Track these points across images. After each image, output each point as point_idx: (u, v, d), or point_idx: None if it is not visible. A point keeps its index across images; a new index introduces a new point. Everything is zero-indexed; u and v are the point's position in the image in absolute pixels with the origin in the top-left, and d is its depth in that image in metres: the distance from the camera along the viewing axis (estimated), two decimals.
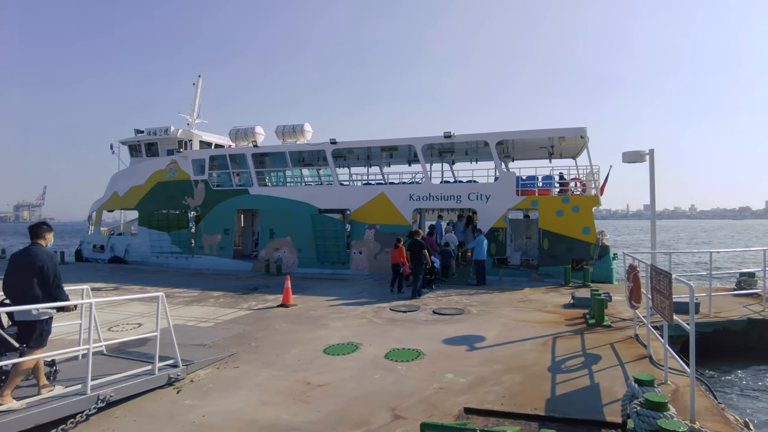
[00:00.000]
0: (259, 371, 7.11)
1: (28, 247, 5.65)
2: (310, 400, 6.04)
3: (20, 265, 5.52)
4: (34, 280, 5.41)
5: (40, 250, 5.61)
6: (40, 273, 5.43)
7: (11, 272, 5.52)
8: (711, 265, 10.65)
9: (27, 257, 5.53)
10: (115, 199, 23.86)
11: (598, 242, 15.78)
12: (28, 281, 5.40)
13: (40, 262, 5.45)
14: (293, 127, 20.51)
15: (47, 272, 5.46)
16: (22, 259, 5.54)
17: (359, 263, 18.33)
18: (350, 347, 8.20)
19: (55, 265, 5.60)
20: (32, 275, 5.42)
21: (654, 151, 10.65)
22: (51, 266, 5.52)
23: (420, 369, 7.07)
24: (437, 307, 11.45)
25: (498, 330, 9.30)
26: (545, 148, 19.03)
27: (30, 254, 5.54)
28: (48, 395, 5.49)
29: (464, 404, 5.81)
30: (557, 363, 7.30)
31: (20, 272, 5.47)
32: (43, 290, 5.44)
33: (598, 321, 9.58)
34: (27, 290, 5.38)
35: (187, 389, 6.42)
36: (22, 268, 5.48)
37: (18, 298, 5.41)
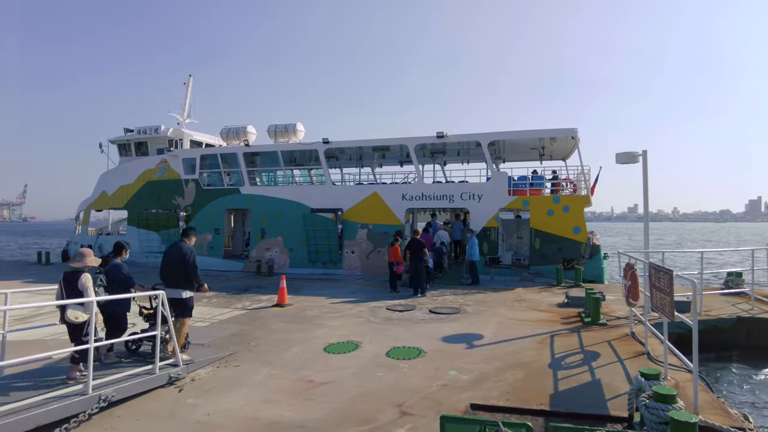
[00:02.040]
0: (259, 370, 7.06)
1: (178, 244, 7.47)
2: (313, 397, 6.01)
3: (172, 256, 7.35)
4: (181, 268, 7.22)
5: (185, 246, 7.44)
6: (183, 261, 7.23)
7: (166, 262, 7.38)
8: (702, 265, 10.84)
9: (177, 252, 7.34)
10: (103, 199, 23.46)
11: (588, 242, 15.96)
12: (177, 268, 7.24)
13: (185, 255, 7.28)
14: (285, 126, 20.41)
15: (190, 262, 7.28)
16: (174, 253, 7.36)
17: (351, 263, 18.29)
18: (350, 346, 8.17)
19: (194, 257, 7.42)
20: (178, 263, 7.24)
21: (647, 153, 10.80)
22: (192, 258, 7.35)
23: (422, 367, 7.09)
24: (433, 307, 11.48)
25: (495, 328, 9.35)
26: (536, 149, 19.21)
27: (179, 249, 7.36)
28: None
29: (469, 400, 5.83)
30: (557, 360, 7.37)
31: (172, 262, 7.31)
32: (186, 275, 7.27)
33: (593, 319, 9.68)
34: (177, 275, 7.26)
35: (188, 388, 6.34)
36: (173, 259, 7.30)
37: (170, 282, 7.27)
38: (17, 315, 10.43)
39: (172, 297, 7.06)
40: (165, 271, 7.36)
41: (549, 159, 20.39)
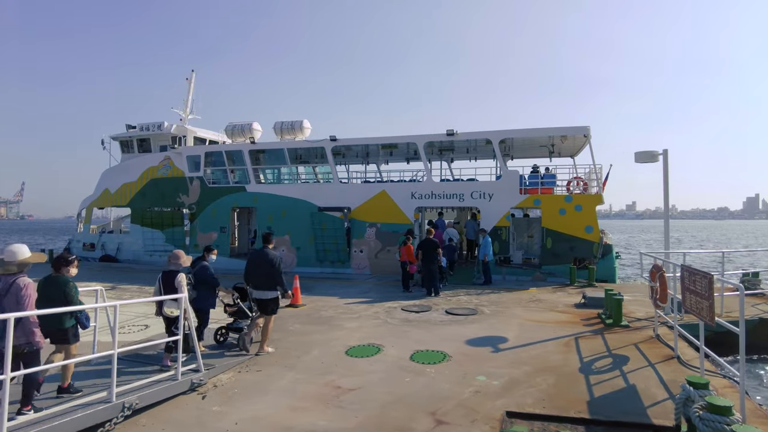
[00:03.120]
0: (283, 374, 6.87)
1: (264, 249, 8.00)
2: (343, 404, 5.82)
3: (258, 260, 7.90)
4: (267, 271, 7.76)
5: (270, 251, 7.98)
6: (271, 266, 7.79)
7: (254, 265, 7.91)
8: (723, 266, 10.69)
9: (263, 256, 7.89)
10: (106, 196, 23.18)
11: (601, 241, 15.81)
12: (263, 271, 7.80)
13: (272, 260, 7.84)
14: (292, 123, 20.17)
15: (275, 266, 7.83)
16: (260, 257, 7.90)
17: (360, 262, 18.09)
18: (372, 349, 7.99)
19: (280, 262, 7.97)
20: (266, 268, 7.78)
21: (668, 152, 10.65)
22: (277, 262, 7.88)
23: (449, 371, 6.91)
24: (449, 308, 11.30)
25: (517, 331, 9.18)
26: (545, 147, 19.03)
27: (265, 254, 7.90)
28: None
29: (504, 407, 5.66)
30: (586, 364, 7.20)
31: (259, 266, 7.84)
32: (273, 278, 7.79)
33: (615, 321, 9.53)
34: (263, 278, 7.80)
35: (211, 395, 6.15)
36: (260, 263, 7.85)
37: (257, 284, 7.83)
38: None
39: (259, 298, 7.88)
40: (251, 273, 7.95)
41: (557, 156, 20.23)
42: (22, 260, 5.04)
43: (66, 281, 5.53)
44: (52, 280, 5.54)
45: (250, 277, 7.99)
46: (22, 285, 4.87)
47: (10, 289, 4.85)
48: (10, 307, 4.72)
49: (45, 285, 5.49)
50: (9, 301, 4.80)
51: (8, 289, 4.84)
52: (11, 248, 5.03)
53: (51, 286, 5.49)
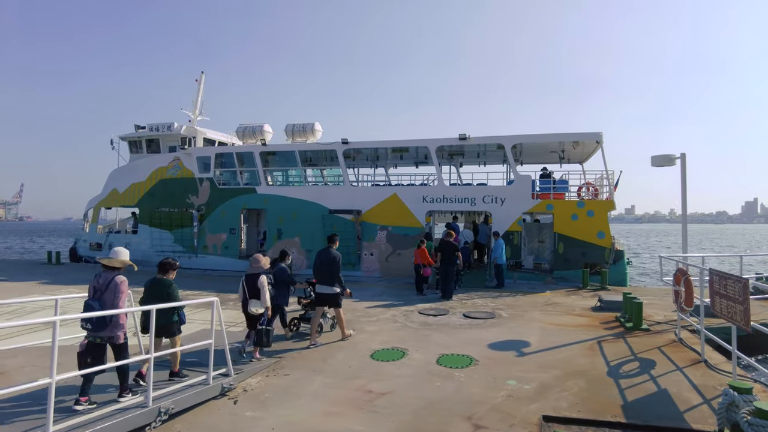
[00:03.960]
0: (311, 378, 6.85)
1: (329, 249, 8.83)
2: (376, 409, 5.80)
3: (323, 258, 8.73)
4: (329, 268, 8.60)
5: (333, 251, 8.81)
6: (334, 264, 8.65)
7: (320, 263, 8.74)
8: (741, 268, 10.70)
9: (328, 255, 8.72)
10: (114, 196, 23.15)
11: (612, 247, 15.81)
12: (329, 268, 8.63)
13: (335, 258, 8.71)
14: (303, 126, 20.18)
15: (338, 264, 8.70)
16: (326, 256, 8.72)
17: (370, 265, 18.08)
18: (397, 353, 7.97)
19: (340, 260, 8.79)
20: (329, 265, 8.62)
21: (685, 156, 10.66)
22: (339, 261, 8.75)
23: (478, 376, 6.89)
24: (466, 311, 11.29)
25: (539, 334, 9.17)
26: (555, 152, 19.05)
27: (330, 253, 8.75)
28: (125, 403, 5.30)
29: (539, 412, 5.65)
30: (613, 368, 7.19)
31: (325, 263, 8.67)
32: (333, 275, 8.61)
33: (636, 324, 9.52)
34: (329, 274, 8.62)
35: (243, 399, 6.11)
36: (326, 261, 8.69)
37: (323, 279, 8.69)
38: None
39: (325, 292, 8.69)
40: (318, 270, 8.77)
41: (567, 162, 20.26)
42: (124, 261, 5.73)
43: (170, 283, 6.34)
44: (157, 282, 6.36)
45: (315, 273, 8.91)
46: (119, 282, 5.52)
47: (109, 284, 5.47)
48: (108, 300, 5.40)
49: (152, 285, 6.35)
50: (108, 295, 5.43)
51: (108, 285, 5.47)
52: (117, 250, 5.80)
53: (157, 286, 6.30)
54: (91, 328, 5.26)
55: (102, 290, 5.44)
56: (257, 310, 7.41)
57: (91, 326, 5.26)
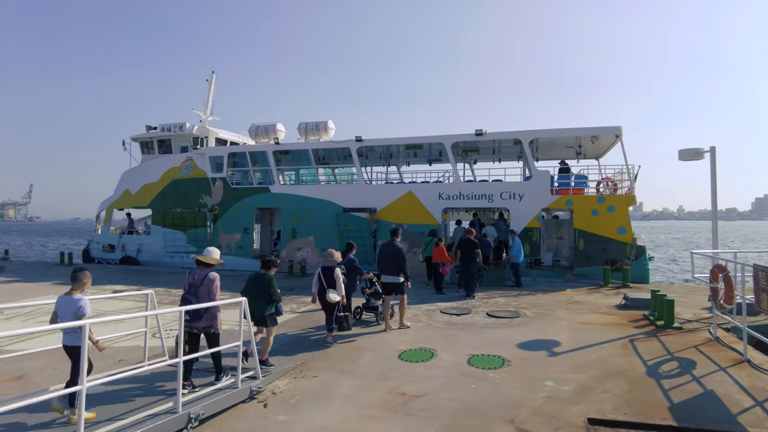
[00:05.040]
0: (341, 381, 6.65)
1: (393, 242, 9.55)
2: (413, 412, 5.59)
3: (388, 251, 9.46)
4: (394, 260, 9.30)
5: (397, 244, 9.54)
6: (399, 257, 9.32)
7: (384, 255, 9.50)
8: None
9: (392, 247, 9.47)
10: (126, 197, 23.10)
11: (634, 243, 15.50)
12: (394, 260, 9.32)
13: (399, 250, 9.43)
14: (316, 124, 20.00)
15: (402, 257, 9.37)
16: (389, 248, 9.49)
17: None
18: (426, 353, 7.75)
19: (405, 253, 9.53)
20: (395, 258, 9.32)
21: (715, 149, 10.36)
22: (404, 254, 9.48)
23: (512, 377, 6.66)
24: (489, 310, 11.05)
25: (568, 334, 8.91)
26: (572, 148, 18.75)
27: (393, 246, 9.48)
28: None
29: (583, 414, 5.41)
30: (652, 368, 6.94)
31: (389, 255, 9.39)
32: (399, 266, 9.33)
33: (667, 323, 9.24)
34: (393, 265, 9.33)
35: (272, 403, 5.92)
36: (390, 253, 9.40)
37: (388, 270, 9.38)
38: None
39: (390, 282, 9.35)
40: (383, 262, 9.50)
41: (583, 157, 19.94)
42: (217, 259, 6.25)
43: (271, 279, 7.02)
44: (260, 277, 7.02)
45: (380, 264, 9.55)
46: (213, 278, 6.00)
47: (203, 281, 5.95)
48: (202, 294, 5.87)
49: (254, 280, 7.02)
50: (202, 290, 5.91)
51: (202, 281, 5.95)
52: (210, 249, 6.33)
53: (259, 281, 6.97)
54: (188, 319, 5.73)
55: (197, 285, 5.93)
56: (335, 297, 8.26)
57: (188, 317, 5.71)
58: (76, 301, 4.94)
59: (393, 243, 9.58)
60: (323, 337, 8.66)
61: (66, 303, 4.98)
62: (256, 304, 6.69)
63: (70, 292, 5.04)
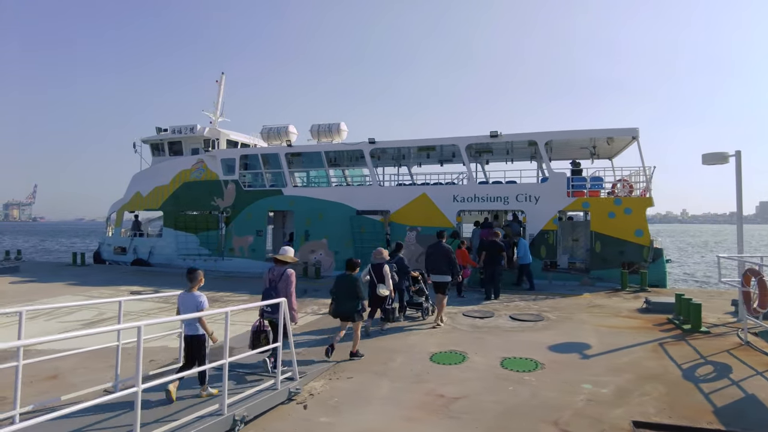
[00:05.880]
0: (377, 382, 6.62)
1: (440, 243, 10.25)
2: (455, 414, 5.57)
3: (436, 251, 10.08)
4: (444, 260, 9.91)
5: (445, 245, 10.22)
6: (448, 256, 9.95)
7: (432, 255, 10.12)
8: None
9: (441, 248, 10.08)
10: (137, 200, 23.09)
11: (651, 245, 15.45)
12: (441, 260, 9.91)
13: (448, 251, 10.06)
14: (329, 126, 19.99)
15: (451, 257, 9.96)
16: (438, 249, 10.09)
17: None
18: (457, 356, 7.72)
19: (453, 252, 10.23)
20: (443, 257, 9.95)
21: (741, 153, 10.30)
22: (453, 254, 10.11)
23: (549, 379, 6.63)
24: (512, 313, 11.01)
25: (596, 337, 8.87)
26: (586, 149, 18.71)
27: (442, 247, 10.13)
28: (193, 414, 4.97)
29: (627, 417, 5.38)
30: (687, 372, 6.91)
31: (437, 255, 10.00)
32: (448, 265, 9.89)
33: (694, 327, 9.19)
34: (441, 265, 9.89)
35: (312, 405, 5.89)
36: (438, 253, 10.03)
37: (435, 270, 9.95)
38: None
39: (437, 281, 9.89)
40: (431, 262, 10.06)
41: (597, 158, 19.89)
42: (292, 258, 6.95)
43: (356, 278, 7.74)
44: (346, 277, 7.76)
45: (429, 264, 10.08)
46: (289, 274, 6.75)
47: (282, 276, 6.70)
48: (282, 288, 6.60)
49: (342, 280, 7.76)
50: (281, 284, 6.65)
51: (281, 276, 6.70)
52: (286, 248, 7.08)
53: (346, 281, 7.70)
54: (270, 311, 6.44)
55: (276, 280, 6.66)
56: (384, 291, 8.77)
57: (270, 309, 6.43)
58: (196, 297, 5.76)
59: (441, 244, 10.20)
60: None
61: (187, 299, 5.80)
62: (344, 301, 7.59)
63: (189, 289, 5.82)
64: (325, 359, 7.50)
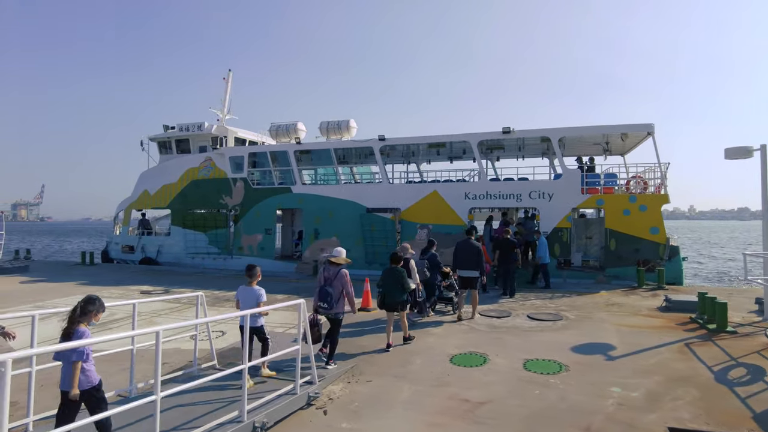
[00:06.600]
0: (397, 386, 6.42)
1: (469, 240, 10.36)
2: (481, 420, 5.36)
3: (465, 248, 10.21)
4: (474, 258, 10.08)
5: (473, 241, 10.41)
6: (477, 254, 10.13)
7: (461, 251, 10.24)
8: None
9: (470, 245, 10.24)
10: (145, 198, 22.98)
11: (667, 243, 15.16)
12: (471, 256, 10.10)
13: (477, 248, 10.21)
14: (338, 123, 19.79)
15: (480, 254, 10.19)
16: (467, 245, 10.24)
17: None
18: (478, 358, 7.51)
19: (481, 249, 10.37)
20: (472, 255, 10.11)
21: (766, 147, 10.01)
22: (481, 251, 10.29)
23: (575, 382, 6.41)
24: (529, 313, 10.78)
25: (618, 337, 8.63)
26: (599, 145, 18.41)
27: (471, 243, 10.27)
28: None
29: (662, 423, 5.17)
30: (719, 374, 6.65)
31: (466, 251, 10.18)
32: (476, 261, 10.09)
33: (720, 326, 8.93)
34: (470, 261, 10.08)
35: (332, 409, 5.70)
36: (467, 249, 10.17)
37: (464, 265, 10.14)
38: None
39: (465, 276, 10.18)
40: (460, 258, 10.22)
41: (609, 154, 19.59)
42: (345, 259, 7.35)
43: (402, 271, 8.20)
44: (393, 270, 8.19)
45: (457, 260, 10.23)
46: (344, 273, 7.20)
47: (336, 275, 7.14)
48: (337, 286, 7.09)
49: (388, 273, 8.21)
50: (336, 283, 7.11)
51: (336, 275, 7.14)
52: (338, 250, 7.41)
53: (393, 274, 8.16)
54: (326, 307, 7.03)
55: (331, 279, 7.13)
56: (412, 285, 8.70)
57: (326, 305, 7.02)
58: (255, 290, 6.44)
59: (469, 241, 10.40)
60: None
61: (248, 292, 6.47)
62: (390, 293, 8.09)
63: (249, 283, 6.49)
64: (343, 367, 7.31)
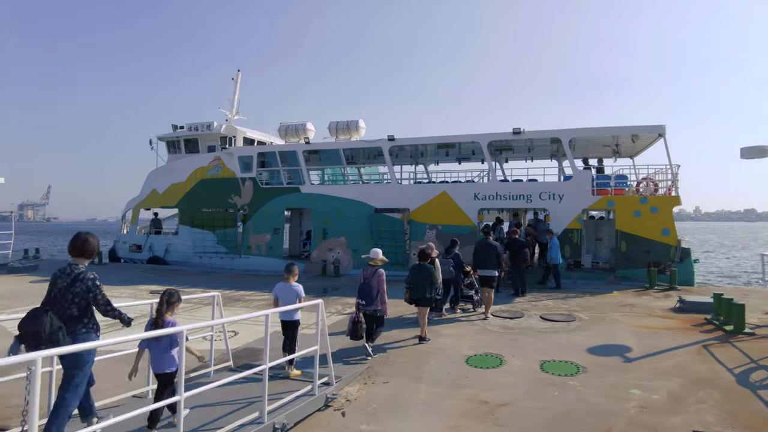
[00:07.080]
0: (414, 387, 6.37)
1: (487, 240, 10.85)
2: (502, 422, 5.30)
3: (484, 247, 10.61)
4: (493, 255, 10.45)
5: (492, 241, 10.82)
6: (495, 252, 10.48)
7: (479, 251, 10.67)
8: None
9: (488, 245, 10.59)
10: (153, 197, 23.01)
11: (678, 245, 15.04)
12: (489, 255, 10.44)
13: (496, 248, 10.59)
14: (347, 123, 19.75)
15: (499, 253, 10.59)
16: (485, 245, 10.64)
17: None
18: (494, 359, 7.45)
19: (499, 248, 10.82)
20: (491, 254, 10.44)
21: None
22: (501, 250, 10.93)
23: (594, 384, 6.34)
24: (541, 313, 10.71)
25: (634, 338, 8.56)
26: (609, 146, 18.31)
27: (488, 243, 10.69)
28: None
29: (686, 427, 5.10)
30: (740, 377, 6.57)
31: (484, 251, 10.56)
32: (495, 260, 10.47)
33: (737, 328, 8.84)
34: (489, 260, 10.43)
35: (350, 411, 5.65)
36: (485, 249, 10.55)
37: (482, 264, 10.47)
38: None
39: (484, 275, 10.45)
40: (480, 257, 10.55)
41: (619, 156, 19.48)
42: (383, 259, 7.92)
43: (431, 269, 8.54)
44: (421, 267, 8.54)
45: (477, 259, 10.53)
46: (381, 273, 7.79)
47: (374, 274, 7.74)
48: (373, 285, 7.65)
49: (417, 269, 8.59)
50: (374, 281, 7.67)
51: (373, 275, 7.74)
52: (375, 251, 8.01)
53: (421, 270, 8.50)
54: (365, 303, 7.59)
55: (370, 278, 7.68)
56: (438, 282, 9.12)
57: (364, 302, 7.59)
58: (294, 287, 6.68)
59: (488, 241, 10.76)
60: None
61: (286, 289, 6.69)
62: (419, 288, 8.41)
63: (287, 280, 6.72)
64: (359, 362, 7.28)
